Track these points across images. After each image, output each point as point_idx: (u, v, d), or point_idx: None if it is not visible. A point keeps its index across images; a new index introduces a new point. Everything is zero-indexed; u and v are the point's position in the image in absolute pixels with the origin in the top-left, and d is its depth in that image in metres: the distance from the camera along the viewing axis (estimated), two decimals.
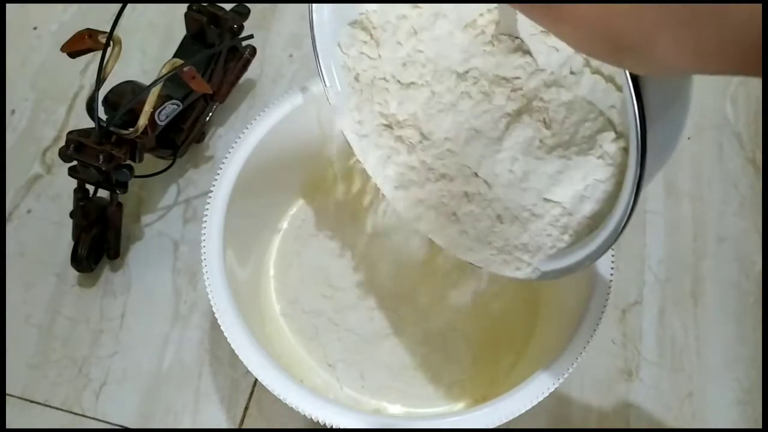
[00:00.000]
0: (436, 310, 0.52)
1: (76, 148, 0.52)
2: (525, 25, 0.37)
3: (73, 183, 0.55)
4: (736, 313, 0.55)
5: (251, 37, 0.56)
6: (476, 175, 0.39)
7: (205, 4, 0.59)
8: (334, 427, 0.39)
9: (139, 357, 0.55)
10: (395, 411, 0.50)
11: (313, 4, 0.42)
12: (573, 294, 0.45)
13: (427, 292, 0.53)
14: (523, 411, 0.39)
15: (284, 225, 0.57)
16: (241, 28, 0.60)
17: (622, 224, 0.31)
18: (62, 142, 0.52)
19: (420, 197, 0.42)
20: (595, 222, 0.35)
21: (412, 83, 0.41)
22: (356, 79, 0.43)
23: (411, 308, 0.52)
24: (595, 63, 0.35)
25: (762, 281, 0.56)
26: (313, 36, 0.42)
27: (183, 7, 0.59)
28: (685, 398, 0.52)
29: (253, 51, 0.62)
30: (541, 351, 0.47)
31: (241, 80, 0.64)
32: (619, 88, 0.34)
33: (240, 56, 0.61)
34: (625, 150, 0.33)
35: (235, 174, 0.47)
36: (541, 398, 0.39)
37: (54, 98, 0.67)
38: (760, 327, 0.55)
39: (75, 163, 0.53)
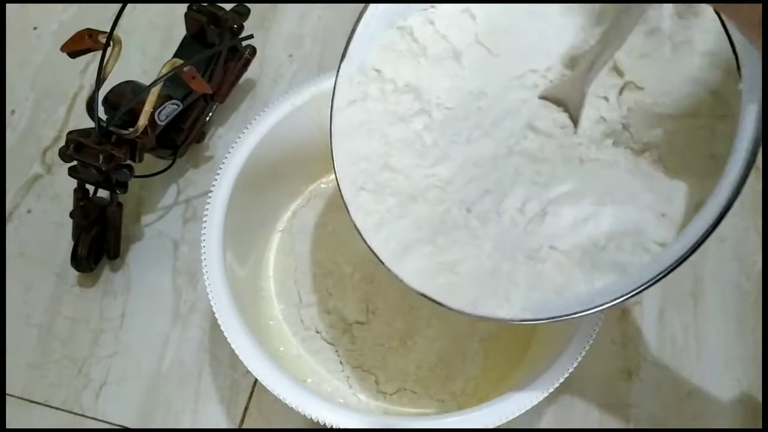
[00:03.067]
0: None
1: (76, 148, 0.52)
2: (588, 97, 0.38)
3: (73, 183, 0.55)
4: (736, 313, 0.55)
5: (251, 37, 0.56)
6: (468, 211, 0.38)
7: (205, 4, 0.59)
8: (333, 427, 0.39)
9: (139, 357, 0.55)
10: (410, 413, 0.49)
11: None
12: None
13: None
14: (523, 411, 0.39)
15: (284, 224, 0.57)
16: (241, 28, 0.60)
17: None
18: (62, 142, 0.52)
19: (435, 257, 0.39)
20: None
21: (422, 109, 0.40)
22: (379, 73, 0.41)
23: (424, 309, 0.52)
24: (637, 137, 0.36)
25: (762, 281, 0.56)
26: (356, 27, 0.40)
27: (183, 7, 0.59)
28: (685, 398, 0.52)
29: (253, 51, 0.62)
30: (543, 350, 0.47)
31: (241, 80, 0.64)
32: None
33: (240, 56, 0.61)
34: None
35: (235, 174, 0.47)
36: (541, 398, 0.39)
37: (54, 98, 0.67)
38: (760, 327, 0.55)
39: (75, 163, 0.53)
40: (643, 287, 0.32)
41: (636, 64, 0.37)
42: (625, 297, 0.33)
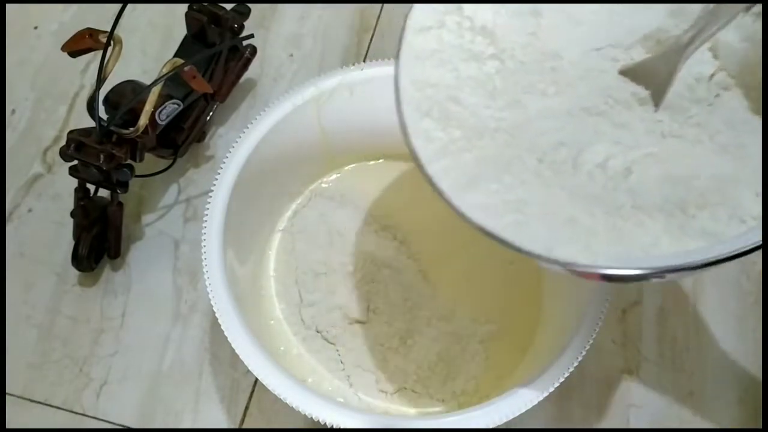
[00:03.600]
0: (450, 308, 0.52)
1: (77, 148, 0.52)
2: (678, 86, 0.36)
3: (74, 182, 0.55)
4: (736, 313, 0.55)
5: (252, 36, 0.56)
6: (540, 161, 0.36)
7: (206, 4, 0.59)
8: (334, 427, 0.39)
9: (140, 356, 0.55)
10: (411, 412, 0.49)
11: None
12: (574, 293, 0.45)
13: (440, 291, 0.53)
14: (523, 411, 0.39)
15: (285, 224, 0.57)
16: (241, 27, 0.60)
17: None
18: (63, 142, 0.52)
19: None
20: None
21: (494, 54, 0.39)
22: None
23: (425, 308, 0.52)
24: (720, 139, 0.35)
25: (762, 281, 0.56)
26: None
27: (183, 7, 0.59)
28: (685, 397, 0.52)
29: (254, 50, 0.62)
30: (543, 350, 0.47)
31: (242, 80, 0.64)
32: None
33: (240, 56, 0.61)
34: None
35: (236, 173, 0.47)
36: (540, 398, 0.39)
37: (54, 98, 0.67)
38: (760, 327, 0.55)
39: (75, 162, 0.53)
40: (741, 253, 0.31)
41: (735, 49, 0.35)
42: (721, 260, 0.31)
